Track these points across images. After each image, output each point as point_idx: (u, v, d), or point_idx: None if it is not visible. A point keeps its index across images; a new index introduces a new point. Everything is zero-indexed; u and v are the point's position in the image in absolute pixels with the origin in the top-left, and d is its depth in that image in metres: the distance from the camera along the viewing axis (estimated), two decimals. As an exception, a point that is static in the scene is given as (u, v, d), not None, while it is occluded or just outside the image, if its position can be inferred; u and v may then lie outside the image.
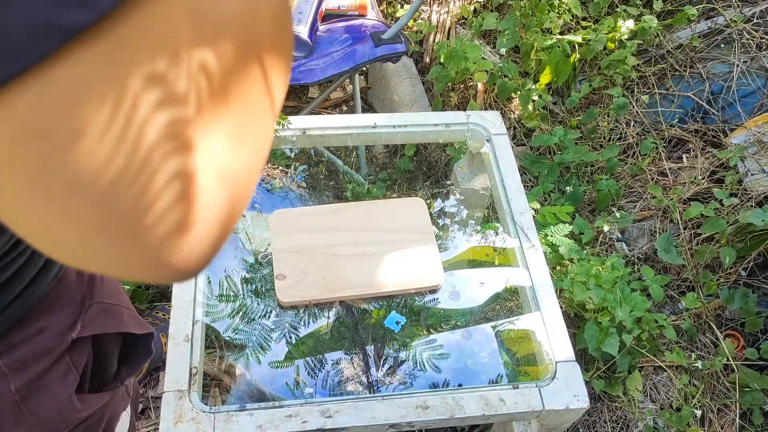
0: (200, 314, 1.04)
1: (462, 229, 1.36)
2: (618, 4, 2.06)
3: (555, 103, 2.10)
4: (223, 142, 0.26)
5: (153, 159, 0.23)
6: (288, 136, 1.27)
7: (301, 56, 1.68)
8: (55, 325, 0.56)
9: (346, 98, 2.26)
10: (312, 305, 1.14)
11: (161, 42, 0.23)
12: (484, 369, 1.11)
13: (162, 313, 1.55)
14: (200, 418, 0.90)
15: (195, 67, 0.24)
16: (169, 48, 0.23)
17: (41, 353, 0.56)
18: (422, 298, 1.17)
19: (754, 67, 1.92)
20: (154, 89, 0.22)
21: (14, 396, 0.55)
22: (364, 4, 1.79)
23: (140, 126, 0.22)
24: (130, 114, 0.22)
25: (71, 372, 0.59)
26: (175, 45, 0.23)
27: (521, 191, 1.26)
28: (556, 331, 1.08)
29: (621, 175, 1.92)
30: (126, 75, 0.22)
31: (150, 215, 0.24)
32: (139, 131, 0.22)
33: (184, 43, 0.23)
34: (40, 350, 0.56)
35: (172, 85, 0.23)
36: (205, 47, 0.24)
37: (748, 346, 1.58)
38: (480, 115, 1.37)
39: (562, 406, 0.98)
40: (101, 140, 0.22)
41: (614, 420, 1.52)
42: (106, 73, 0.22)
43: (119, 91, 0.22)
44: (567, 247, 1.55)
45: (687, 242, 1.71)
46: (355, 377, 1.09)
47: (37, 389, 0.56)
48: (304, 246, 1.17)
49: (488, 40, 2.22)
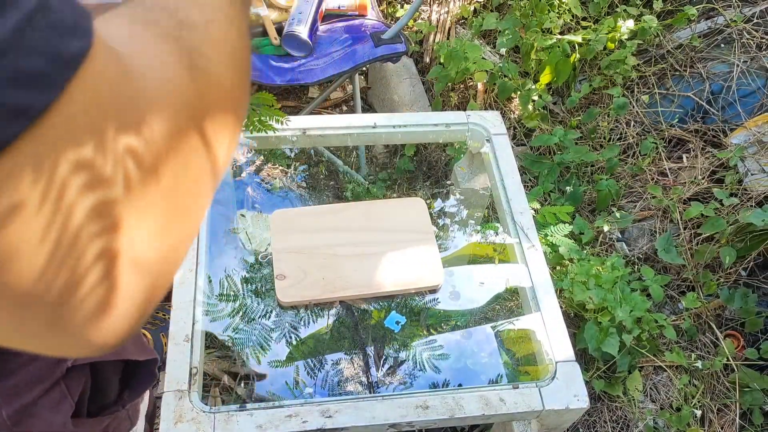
0: (200, 314, 1.04)
1: (462, 229, 1.36)
2: (618, 4, 2.06)
3: (555, 103, 2.10)
4: (151, 226, 0.26)
5: (80, 240, 0.23)
6: (288, 136, 1.27)
7: (301, 56, 1.68)
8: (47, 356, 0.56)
9: (346, 98, 2.26)
10: (312, 305, 1.14)
11: (86, 128, 0.23)
12: (484, 369, 1.11)
13: (162, 313, 1.55)
14: (200, 418, 0.90)
15: (121, 150, 0.24)
16: (95, 133, 0.23)
17: (35, 381, 0.55)
18: (422, 298, 1.17)
19: (754, 67, 1.92)
20: (81, 173, 0.23)
21: (6, 422, 0.54)
22: (364, 4, 1.79)
23: (67, 208, 0.23)
24: (57, 198, 0.22)
25: (66, 399, 0.59)
26: (100, 130, 0.24)
27: (521, 191, 1.26)
28: (556, 331, 1.08)
29: (621, 175, 1.92)
30: (53, 162, 0.22)
31: (76, 297, 0.24)
32: (66, 214, 0.23)
33: (109, 127, 0.24)
34: (34, 378, 0.55)
35: (99, 169, 0.23)
36: (132, 131, 0.25)
37: (748, 346, 1.58)
38: (480, 115, 1.37)
39: (562, 406, 0.98)
40: (30, 227, 0.22)
41: (614, 420, 1.52)
42: (34, 162, 0.22)
43: (47, 177, 0.22)
44: (567, 247, 1.55)
45: (687, 242, 1.71)
46: (355, 377, 1.09)
47: (30, 416, 0.56)
48: (304, 246, 1.17)
49: (488, 40, 2.22)
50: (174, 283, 1.02)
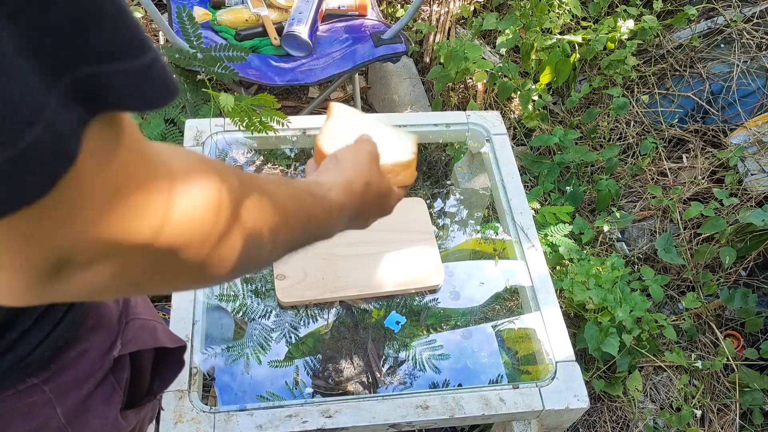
0: (200, 314, 1.04)
1: (462, 229, 1.36)
2: (618, 4, 2.06)
3: (555, 103, 2.10)
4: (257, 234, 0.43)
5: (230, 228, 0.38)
6: (288, 136, 1.27)
7: (301, 56, 1.68)
8: (96, 346, 0.57)
9: (346, 98, 2.26)
10: (312, 305, 1.14)
11: None
12: (484, 369, 1.11)
13: (162, 313, 1.55)
14: (200, 418, 0.90)
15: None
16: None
17: (85, 376, 0.56)
18: (422, 298, 1.17)
19: (754, 67, 1.92)
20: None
21: (61, 420, 0.54)
22: (364, 4, 1.79)
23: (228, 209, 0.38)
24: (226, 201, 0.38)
25: (116, 392, 0.59)
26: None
27: (521, 191, 1.26)
28: (556, 331, 1.08)
29: (621, 175, 1.92)
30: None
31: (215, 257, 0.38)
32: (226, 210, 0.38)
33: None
34: (84, 373, 0.56)
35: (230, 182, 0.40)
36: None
37: (748, 346, 1.58)
38: (480, 115, 1.37)
39: (562, 406, 0.98)
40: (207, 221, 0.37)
41: (614, 420, 1.52)
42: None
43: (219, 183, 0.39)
44: (567, 247, 1.55)
45: (687, 242, 1.71)
46: (356, 377, 1.09)
47: (85, 411, 0.56)
48: (304, 246, 1.17)
49: (488, 40, 2.22)
50: (174, 283, 1.02)
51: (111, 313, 0.60)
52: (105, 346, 0.58)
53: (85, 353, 0.56)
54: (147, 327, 0.65)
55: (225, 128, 1.23)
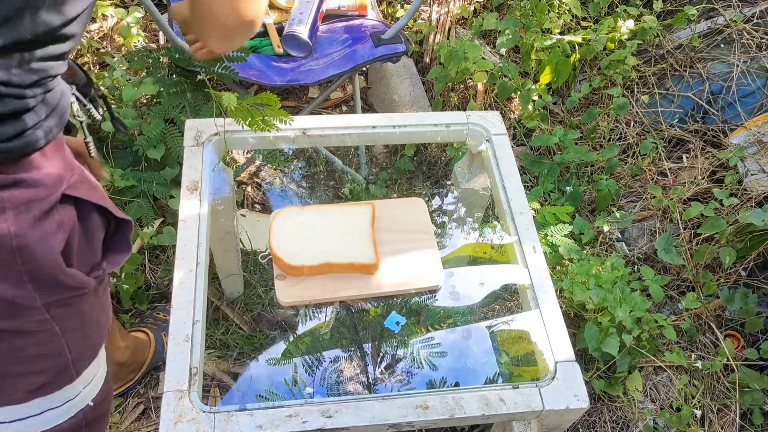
0: (200, 314, 1.04)
1: (462, 229, 1.36)
2: (618, 4, 2.06)
3: (555, 103, 2.10)
4: None
5: None
6: (288, 136, 1.27)
7: (302, 57, 1.68)
8: (47, 178, 0.67)
9: (346, 98, 2.26)
10: (312, 305, 1.14)
11: None
12: (483, 369, 1.11)
13: (162, 313, 1.55)
14: (200, 418, 0.90)
15: None
16: None
17: (35, 199, 0.65)
18: (422, 298, 1.17)
19: (754, 67, 1.92)
20: None
21: (11, 241, 0.63)
22: (364, 5, 1.79)
23: None
24: None
25: (60, 230, 0.68)
26: None
27: (521, 191, 1.26)
28: (556, 331, 1.08)
29: (621, 175, 1.92)
30: None
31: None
32: None
33: None
34: (35, 196, 0.65)
35: None
36: None
37: (748, 346, 1.58)
38: (480, 115, 1.37)
39: (562, 406, 0.98)
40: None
41: (614, 420, 1.52)
42: None
43: None
44: (567, 247, 1.55)
45: (687, 242, 1.71)
46: (355, 377, 1.09)
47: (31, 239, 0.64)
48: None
49: (488, 40, 2.22)
50: (174, 282, 1.02)
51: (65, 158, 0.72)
52: (54, 180, 0.68)
53: (37, 182, 0.65)
54: (93, 186, 0.75)
55: (225, 128, 1.23)
